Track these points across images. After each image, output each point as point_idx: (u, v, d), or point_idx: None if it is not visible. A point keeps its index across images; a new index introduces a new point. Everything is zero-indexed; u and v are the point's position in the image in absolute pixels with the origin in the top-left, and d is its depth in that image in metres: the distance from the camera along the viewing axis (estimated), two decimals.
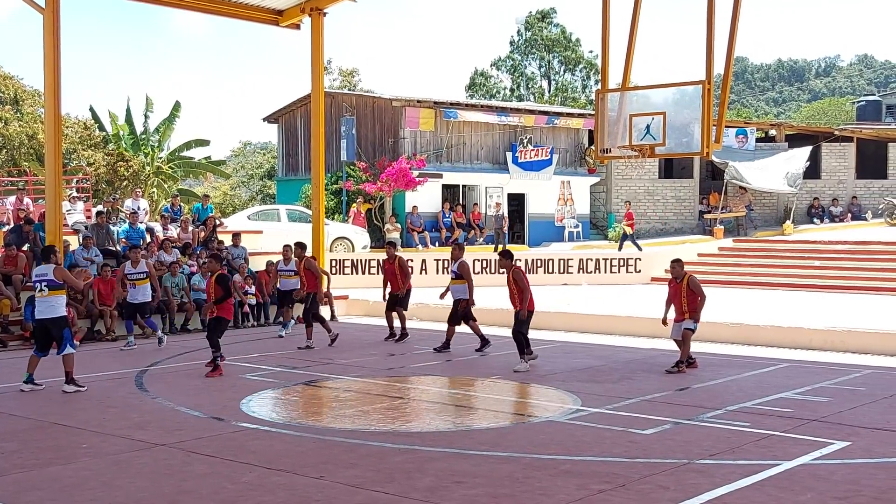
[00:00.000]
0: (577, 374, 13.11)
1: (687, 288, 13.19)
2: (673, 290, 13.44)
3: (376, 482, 7.47)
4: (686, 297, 13.18)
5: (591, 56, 66.85)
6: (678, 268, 13.38)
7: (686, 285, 13.20)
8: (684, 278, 13.24)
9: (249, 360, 14.61)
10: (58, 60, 17.48)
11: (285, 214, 27.70)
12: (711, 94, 14.66)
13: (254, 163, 61.29)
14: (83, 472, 7.90)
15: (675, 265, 13.48)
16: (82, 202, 24.48)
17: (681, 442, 8.93)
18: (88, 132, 39.38)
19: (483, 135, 33.43)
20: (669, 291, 13.52)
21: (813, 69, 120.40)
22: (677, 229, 36.75)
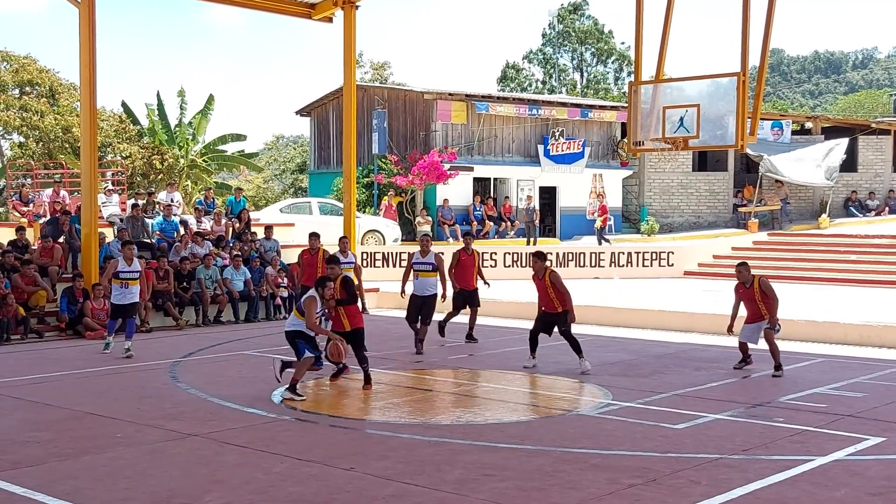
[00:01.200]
0: (608, 367, 13.05)
1: (760, 291, 12.51)
2: (744, 295, 12.73)
3: (406, 474, 7.49)
4: (761, 301, 12.52)
5: (624, 48, 66.47)
6: (745, 272, 12.70)
7: (758, 288, 12.53)
8: (754, 281, 12.60)
9: (282, 351, 14.69)
10: (93, 54, 17.66)
11: (317, 207, 27.83)
12: (746, 86, 14.51)
13: (286, 156, 61.61)
14: (118, 461, 8.00)
15: (742, 269, 12.77)
16: (118, 195, 24.71)
17: (713, 437, 8.87)
18: (123, 125, 39.76)
19: (514, 128, 33.35)
20: (737, 297, 12.84)
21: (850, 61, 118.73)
22: (711, 223, 36.44)
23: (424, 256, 14.71)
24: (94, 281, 17.24)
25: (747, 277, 12.69)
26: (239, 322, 18.88)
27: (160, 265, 18.32)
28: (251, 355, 14.41)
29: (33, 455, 8.17)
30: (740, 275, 12.77)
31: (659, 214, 35.96)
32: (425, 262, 14.66)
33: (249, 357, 14.25)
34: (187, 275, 18.63)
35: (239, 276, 19.36)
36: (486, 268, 26.31)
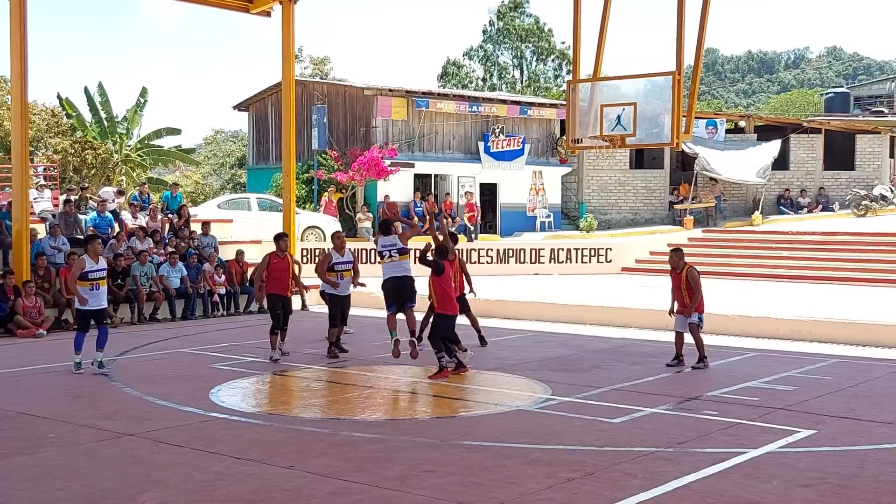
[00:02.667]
0: (547, 363, 13.17)
1: (686, 280, 12.74)
2: (673, 281, 13.01)
3: (346, 471, 7.47)
4: (686, 290, 12.76)
5: (564, 46, 66.95)
6: (675, 258, 12.95)
7: (685, 278, 12.75)
8: (683, 270, 12.80)
9: (219, 349, 14.54)
10: (24, 47, 17.24)
11: (256, 203, 27.56)
12: (682, 85, 14.71)
13: (225, 151, 60.87)
14: (50, 462, 7.84)
15: (674, 255, 13.04)
16: (49, 190, 24.19)
17: (649, 430, 9.01)
18: (56, 119, 38.89)
19: (455, 124, 33.41)
20: (671, 283, 13.10)
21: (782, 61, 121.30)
22: (648, 220, 36.95)
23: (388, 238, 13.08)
24: (25, 278, 16.86)
25: (678, 264, 12.93)
26: (175, 319, 18.62)
27: None
28: (188, 353, 14.22)
29: None
30: (671, 260, 13.07)
31: (597, 211, 36.35)
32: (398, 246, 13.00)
33: (186, 355, 14.06)
34: (122, 272, 18.31)
35: (175, 272, 19.09)
36: None
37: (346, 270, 13.83)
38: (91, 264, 12.46)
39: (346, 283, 13.84)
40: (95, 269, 12.50)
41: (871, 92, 57.17)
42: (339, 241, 14.04)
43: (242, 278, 20.34)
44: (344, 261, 13.87)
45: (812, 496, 6.92)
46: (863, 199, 35.32)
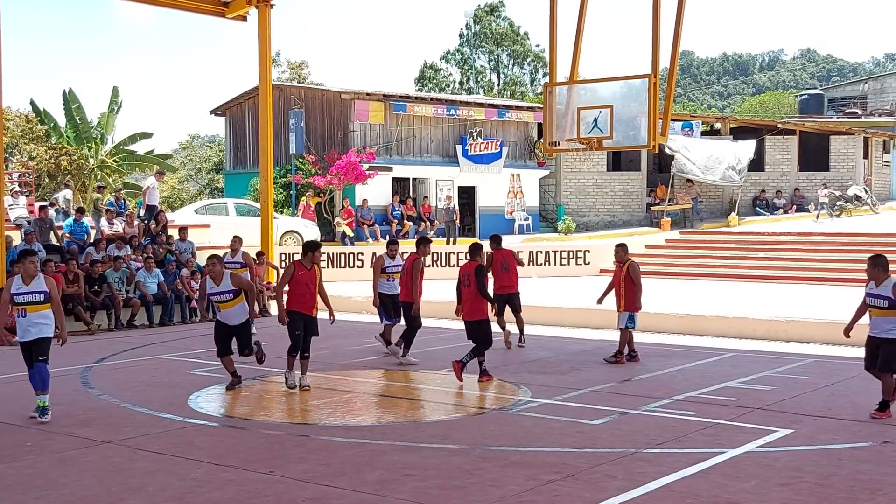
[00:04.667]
0: (526, 365, 13.19)
1: (626, 274, 13.18)
2: (614, 274, 13.51)
3: (326, 476, 7.45)
4: (624, 284, 13.17)
5: (540, 50, 67.20)
6: (621, 252, 13.40)
7: (625, 272, 13.19)
8: (626, 264, 13.25)
9: (197, 355, 14.46)
10: None
11: (233, 208, 27.44)
12: (657, 88, 14.81)
13: (202, 156, 60.57)
14: (27, 470, 7.77)
15: (619, 249, 13.50)
16: (24, 196, 23.99)
17: (628, 431, 9.04)
18: (30, 126, 38.56)
19: (433, 128, 33.43)
20: (613, 276, 13.60)
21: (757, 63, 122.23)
22: (625, 221, 37.11)
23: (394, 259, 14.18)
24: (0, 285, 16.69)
25: (622, 257, 13.34)
26: (153, 325, 18.51)
27: (69, 268, 17.83)
28: (166, 359, 14.14)
29: None
30: (617, 254, 13.49)
31: (575, 213, 36.47)
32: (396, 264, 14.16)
33: (164, 361, 13.98)
34: (98, 278, 18.18)
35: (151, 278, 18.97)
36: None
37: (396, 273, 14.13)
38: (18, 285, 9.82)
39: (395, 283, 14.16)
40: (25, 292, 9.77)
41: (845, 93, 57.71)
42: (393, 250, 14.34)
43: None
44: (395, 264, 14.21)
45: (790, 495, 6.97)
46: (837, 200, 35.65)
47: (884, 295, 9.45)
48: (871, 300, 9.61)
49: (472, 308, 11.81)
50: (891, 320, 9.42)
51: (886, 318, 9.45)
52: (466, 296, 11.84)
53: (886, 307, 9.42)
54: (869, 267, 9.69)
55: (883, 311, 9.48)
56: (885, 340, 9.45)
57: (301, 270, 11.41)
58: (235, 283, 11.43)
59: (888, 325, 9.44)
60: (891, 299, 9.37)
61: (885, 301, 9.43)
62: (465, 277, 11.99)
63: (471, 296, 11.77)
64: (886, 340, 9.44)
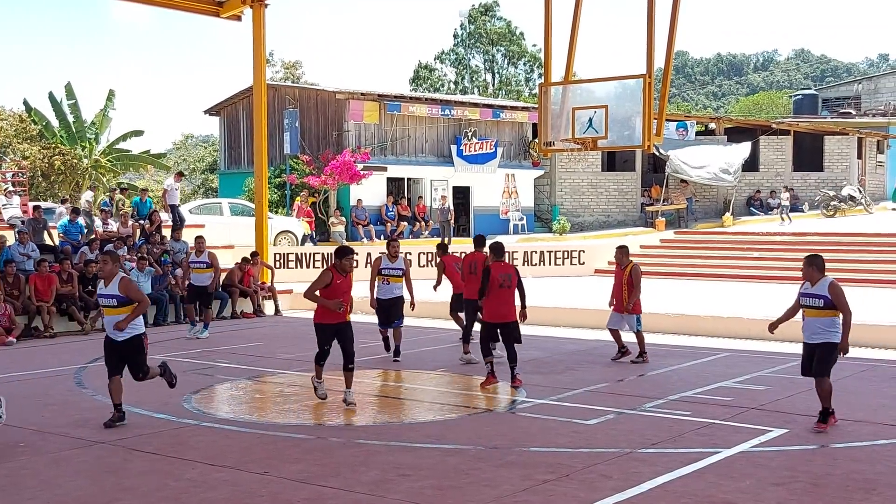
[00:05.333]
0: (521, 365, 13.13)
1: (627, 277, 13.26)
2: (616, 275, 13.59)
3: (321, 476, 7.44)
4: (626, 286, 13.26)
5: (535, 50, 67.24)
6: (621, 254, 13.50)
7: (628, 273, 13.28)
8: (627, 267, 13.33)
9: (192, 355, 14.44)
10: None
11: (228, 208, 27.41)
12: (652, 88, 14.82)
13: (196, 156, 60.50)
14: (21, 471, 7.74)
15: (618, 252, 13.61)
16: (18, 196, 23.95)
17: (623, 431, 9.04)
18: (24, 125, 38.49)
19: (427, 128, 33.42)
20: (615, 278, 13.68)
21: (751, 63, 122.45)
22: (620, 221, 37.14)
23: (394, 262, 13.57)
24: None
25: (622, 261, 13.43)
26: (147, 326, 18.41)
27: (64, 268, 17.79)
28: (160, 359, 14.08)
29: None
30: (617, 256, 13.63)
31: (570, 214, 36.49)
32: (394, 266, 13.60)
33: (158, 361, 13.91)
34: (92, 278, 18.12)
35: (144, 278, 18.91)
36: None
37: (393, 276, 13.61)
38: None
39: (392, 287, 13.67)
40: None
41: (839, 94, 57.87)
42: (392, 248, 13.73)
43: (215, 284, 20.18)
44: (394, 267, 13.61)
45: (785, 495, 6.98)
46: (832, 200, 35.71)
47: (819, 294, 9.07)
48: (805, 300, 9.21)
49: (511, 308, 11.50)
50: (825, 321, 9.03)
51: (821, 319, 9.05)
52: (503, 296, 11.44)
53: (822, 307, 9.04)
54: (805, 266, 9.30)
55: (817, 311, 9.08)
56: (819, 345, 9.05)
57: (339, 279, 10.21)
58: (123, 290, 9.59)
59: (821, 326, 9.04)
60: (826, 299, 9.00)
61: (820, 300, 9.05)
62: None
63: (510, 296, 11.49)
64: (821, 345, 9.03)
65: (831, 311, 9.01)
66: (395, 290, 13.68)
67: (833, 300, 8.97)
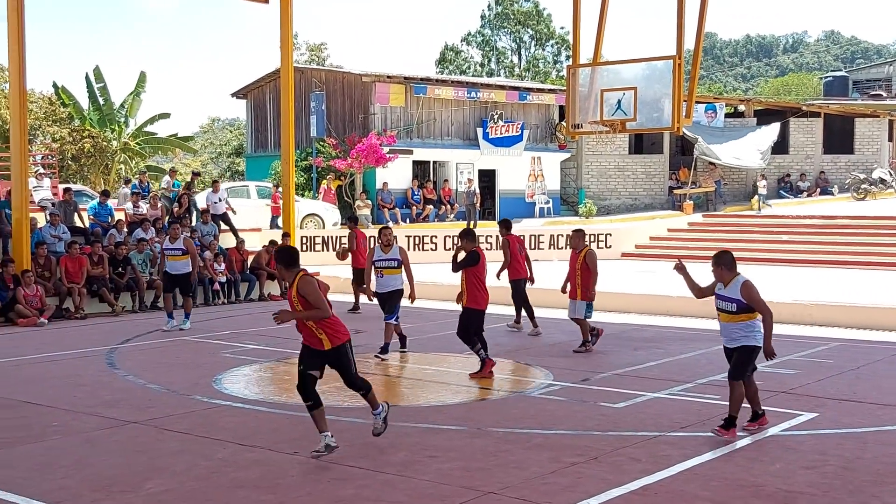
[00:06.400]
0: (548, 349, 13.18)
1: (583, 262, 12.88)
2: (571, 261, 13.15)
3: (350, 457, 7.49)
4: (580, 272, 12.88)
5: (563, 31, 66.82)
6: (576, 239, 13.16)
7: (583, 258, 12.89)
8: (582, 251, 12.95)
9: (221, 337, 14.55)
10: (22, 34, 17.18)
11: (255, 191, 27.54)
12: (682, 70, 14.70)
13: (222, 139, 60.75)
14: (54, 450, 7.85)
15: (574, 235, 13.26)
16: (49, 179, 24.18)
17: (652, 415, 9.02)
18: (53, 108, 38.82)
19: (453, 111, 33.35)
20: (569, 263, 13.24)
21: (781, 45, 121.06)
22: (647, 205, 36.94)
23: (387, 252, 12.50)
24: (25, 267, 16.85)
25: (577, 244, 13.13)
26: (176, 307, 18.60)
27: (94, 250, 17.98)
28: (190, 341, 14.23)
29: None
30: (572, 240, 13.34)
31: (597, 197, 36.33)
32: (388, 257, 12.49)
33: (188, 343, 14.08)
34: (122, 260, 18.31)
35: None
36: (426, 251, 26.39)
37: (387, 268, 12.46)
38: None
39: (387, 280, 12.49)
40: None
41: (870, 76, 57.09)
42: (384, 236, 12.54)
43: (243, 266, 20.35)
44: (387, 258, 12.45)
45: (815, 478, 6.94)
46: (862, 183, 35.32)
47: (731, 297, 8.10)
48: (718, 303, 8.24)
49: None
50: (740, 326, 8.11)
51: (737, 324, 8.12)
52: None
53: (735, 311, 8.09)
54: (713, 266, 8.27)
55: (731, 315, 8.13)
56: (738, 348, 8.17)
57: None
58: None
59: (739, 331, 8.13)
60: (740, 302, 8.06)
61: (733, 304, 8.09)
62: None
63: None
64: (739, 348, 8.16)
65: (747, 315, 8.10)
66: (391, 283, 12.42)
67: (748, 302, 8.06)
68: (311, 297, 7.33)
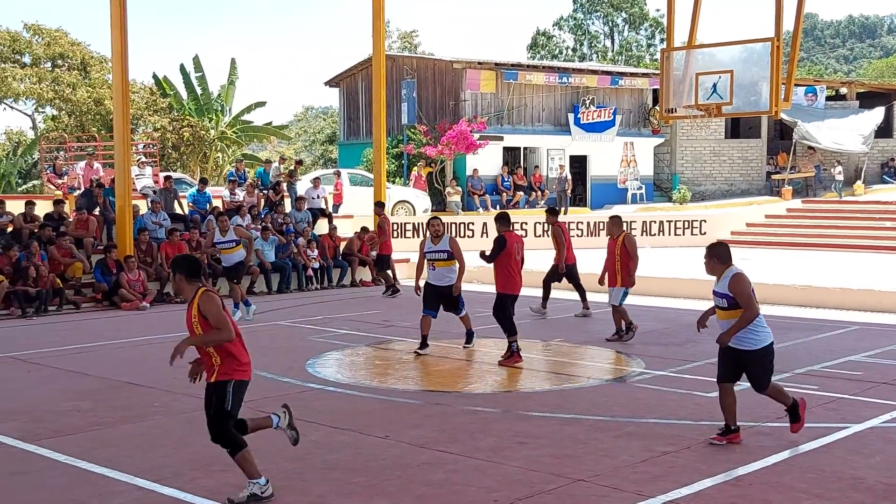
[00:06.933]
0: (640, 336, 13.01)
1: (621, 246, 12.51)
2: (608, 247, 12.80)
3: (440, 442, 7.55)
4: (619, 257, 12.52)
5: (658, 14, 65.65)
6: (612, 226, 12.81)
7: (621, 244, 12.52)
8: (620, 237, 12.59)
9: (314, 321, 14.82)
10: (124, 27, 17.73)
11: (347, 178, 27.87)
12: (780, 52, 14.32)
13: (315, 127, 61.67)
14: (155, 429, 8.12)
15: (611, 222, 12.90)
16: (150, 167, 24.93)
17: (747, 405, 8.81)
18: (154, 98, 39.98)
19: (544, 96, 33.13)
20: (607, 250, 12.88)
21: (885, 25, 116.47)
22: (744, 190, 36.10)
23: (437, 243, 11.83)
24: (128, 253, 17.44)
25: (613, 231, 12.76)
26: (271, 292, 19.01)
27: (192, 237, 18.48)
28: (284, 325, 14.53)
29: (74, 423, 8.32)
30: (608, 228, 12.99)
31: (691, 182, 35.67)
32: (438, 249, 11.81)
33: (282, 327, 14.38)
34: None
35: (269, 246, 19.47)
36: None
37: (438, 260, 11.83)
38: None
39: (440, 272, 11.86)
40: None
41: None
42: (433, 227, 11.94)
43: (335, 252, 20.65)
44: (436, 249, 11.83)
45: None
46: None
47: (722, 293, 7.44)
48: (714, 300, 7.65)
49: None
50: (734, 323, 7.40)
51: (731, 321, 7.47)
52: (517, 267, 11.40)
53: (727, 307, 7.45)
54: (705, 259, 7.64)
55: (725, 312, 7.50)
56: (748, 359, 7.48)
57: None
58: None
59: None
60: (729, 298, 7.37)
61: (724, 300, 7.46)
62: None
63: None
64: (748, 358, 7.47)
65: (740, 311, 7.37)
66: (446, 276, 11.75)
67: (734, 296, 7.35)
68: (214, 317, 6.50)
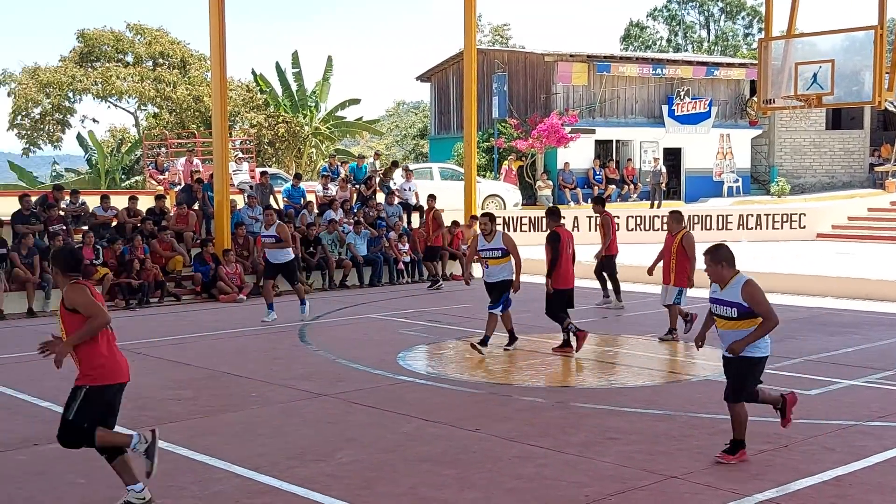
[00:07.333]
0: None
1: (679, 245, 12.05)
2: (665, 242, 12.38)
3: (531, 436, 7.55)
4: (675, 255, 12.05)
5: (755, 3, 63.97)
6: (672, 221, 12.35)
7: (679, 242, 12.06)
8: (679, 234, 12.14)
9: (405, 315, 14.96)
10: (223, 25, 18.17)
11: (438, 173, 28.03)
12: (884, 40, 13.85)
13: (407, 122, 62.12)
14: (253, 419, 8.33)
15: (671, 217, 12.46)
16: (247, 163, 25.51)
17: (848, 403, 8.60)
18: (251, 95, 40.85)
19: (638, 88, 32.69)
20: (664, 245, 12.44)
21: None
22: (846, 183, 35.00)
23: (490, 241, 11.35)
24: (225, 246, 17.88)
25: (673, 227, 12.31)
26: (363, 286, 19.25)
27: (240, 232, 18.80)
28: (376, 318, 14.71)
29: (175, 412, 8.59)
30: (668, 222, 12.59)
31: (790, 175, 34.75)
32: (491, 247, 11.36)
33: (374, 320, 14.55)
34: (313, 240, 19.10)
35: (361, 240, 19.72)
36: None
37: (491, 258, 11.38)
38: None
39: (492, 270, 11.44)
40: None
41: None
42: (482, 224, 11.55)
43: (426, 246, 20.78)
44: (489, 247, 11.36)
45: None
46: None
47: (731, 301, 6.74)
48: (715, 308, 6.93)
49: None
50: (743, 334, 6.77)
51: (738, 332, 6.77)
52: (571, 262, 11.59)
53: (736, 317, 6.75)
54: (707, 263, 6.91)
55: (732, 322, 6.79)
56: (735, 362, 6.91)
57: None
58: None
59: None
60: (741, 306, 6.70)
61: (733, 309, 6.74)
62: None
63: None
64: (737, 361, 6.89)
65: (751, 321, 6.73)
66: (499, 273, 11.34)
67: (751, 307, 6.70)
68: (84, 307, 5.82)
